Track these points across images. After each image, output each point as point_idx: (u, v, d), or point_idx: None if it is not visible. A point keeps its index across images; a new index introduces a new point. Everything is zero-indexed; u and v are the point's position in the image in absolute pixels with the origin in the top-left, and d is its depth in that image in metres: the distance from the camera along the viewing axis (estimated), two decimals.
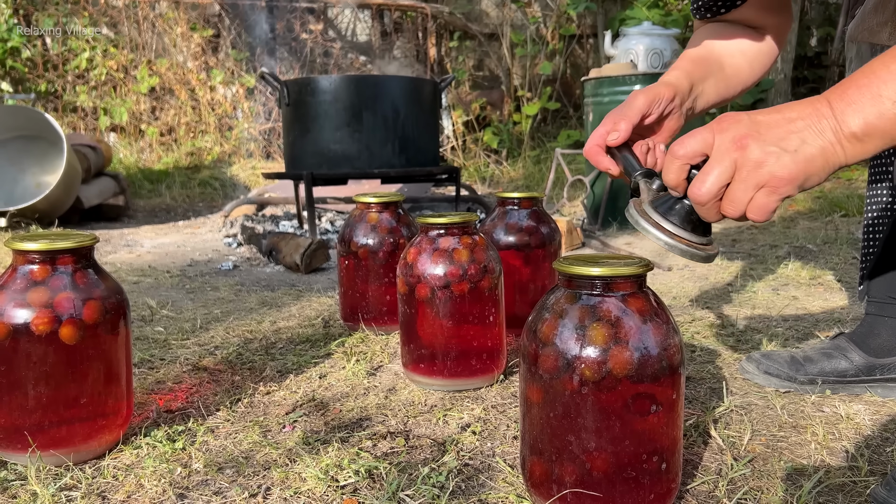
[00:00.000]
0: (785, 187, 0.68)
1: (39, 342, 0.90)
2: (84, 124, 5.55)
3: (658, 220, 0.76)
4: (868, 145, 0.66)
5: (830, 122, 0.67)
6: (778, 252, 2.53)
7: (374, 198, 1.56)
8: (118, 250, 2.95)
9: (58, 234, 0.97)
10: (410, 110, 2.96)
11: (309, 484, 0.87)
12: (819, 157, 0.67)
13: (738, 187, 0.70)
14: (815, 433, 1.00)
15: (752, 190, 0.69)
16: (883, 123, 0.65)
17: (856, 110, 0.66)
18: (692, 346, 1.43)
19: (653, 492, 0.75)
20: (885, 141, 0.66)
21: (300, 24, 6.07)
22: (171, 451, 0.97)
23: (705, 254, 0.77)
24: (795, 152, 0.67)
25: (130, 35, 5.69)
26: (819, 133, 0.67)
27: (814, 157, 0.67)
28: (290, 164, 3.03)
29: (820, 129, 0.67)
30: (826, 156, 0.67)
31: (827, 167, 0.68)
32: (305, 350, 1.45)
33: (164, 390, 1.21)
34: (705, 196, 0.71)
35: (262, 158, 5.60)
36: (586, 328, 0.74)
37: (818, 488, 0.85)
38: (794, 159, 0.67)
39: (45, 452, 0.91)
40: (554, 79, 6.03)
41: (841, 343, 1.20)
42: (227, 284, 2.17)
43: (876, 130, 0.65)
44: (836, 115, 0.67)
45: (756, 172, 0.69)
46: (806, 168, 0.68)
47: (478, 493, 0.85)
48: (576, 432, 0.74)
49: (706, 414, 1.07)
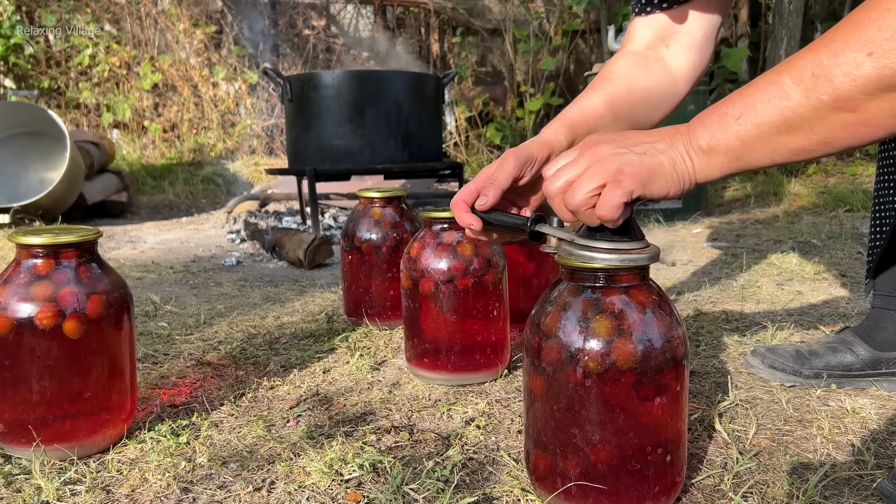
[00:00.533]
0: (628, 181, 0.70)
1: (43, 336, 0.90)
2: (87, 121, 5.56)
3: (600, 245, 0.74)
4: (714, 160, 0.69)
5: (684, 137, 0.71)
6: (782, 247, 2.52)
7: (378, 192, 1.56)
8: (121, 246, 2.96)
9: (61, 229, 0.97)
10: (413, 106, 2.96)
11: (313, 478, 0.87)
12: (667, 162, 0.71)
13: (581, 180, 0.72)
14: (820, 427, 1.00)
15: (597, 183, 0.71)
16: (726, 139, 0.68)
17: (706, 127, 0.69)
18: (697, 341, 1.42)
19: (657, 484, 0.75)
20: (730, 158, 0.68)
21: (303, 20, 6.06)
22: (176, 445, 0.97)
23: (651, 254, 0.75)
24: (643, 154, 0.71)
25: (133, 31, 5.70)
26: (671, 146, 0.72)
27: (661, 161, 0.71)
28: (292, 160, 3.03)
29: (673, 142, 0.72)
30: (674, 163, 0.71)
31: (675, 175, 0.71)
32: (309, 345, 1.45)
33: (167, 385, 1.21)
34: (554, 192, 0.74)
35: (264, 154, 5.60)
36: (589, 320, 0.74)
37: (824, 482, 0.84)
38: (641, 159, 0.71)
39: (50, 447, 0.91)
40: (557, 74, 6.01)
41: (846, 337, 1.20)
42: (230, 280, 2.17)
43: (720, 145, 0.68)
44: (690, 132, 0.71)
45: (601, 166, 0.71)
46: (651, 167, 0.71)
47: (482, 486, 0.85)
48: (580, 425, 0.74)
49: (711, 408, 1.06)
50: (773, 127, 0.65)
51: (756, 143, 0.66)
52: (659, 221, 3.36)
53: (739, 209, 3.68)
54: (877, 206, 1.19)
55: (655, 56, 1.03)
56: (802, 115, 0.63)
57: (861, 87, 0.60)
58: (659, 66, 1.03)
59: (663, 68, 1.03)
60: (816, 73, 0.62)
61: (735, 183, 4.35)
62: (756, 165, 0.68)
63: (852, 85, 0.60)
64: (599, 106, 0.97)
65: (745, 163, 0.68)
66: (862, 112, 0.61)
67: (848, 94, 0.60)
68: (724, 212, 3.62)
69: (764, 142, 0.66)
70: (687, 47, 1.03)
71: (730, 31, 5.48)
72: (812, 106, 0.62)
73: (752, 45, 5.60)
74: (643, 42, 1.05)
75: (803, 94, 0.63)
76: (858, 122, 0.61)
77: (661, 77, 1.03)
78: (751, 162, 0.68)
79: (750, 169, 0.69)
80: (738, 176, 4.53)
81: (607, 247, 0.74)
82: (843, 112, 0.61)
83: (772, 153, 0.66)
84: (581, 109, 0.96)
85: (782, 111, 0.64)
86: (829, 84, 0.61)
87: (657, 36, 1.04)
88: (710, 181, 0.71)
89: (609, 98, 0.98)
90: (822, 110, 0.62)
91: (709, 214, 3.53)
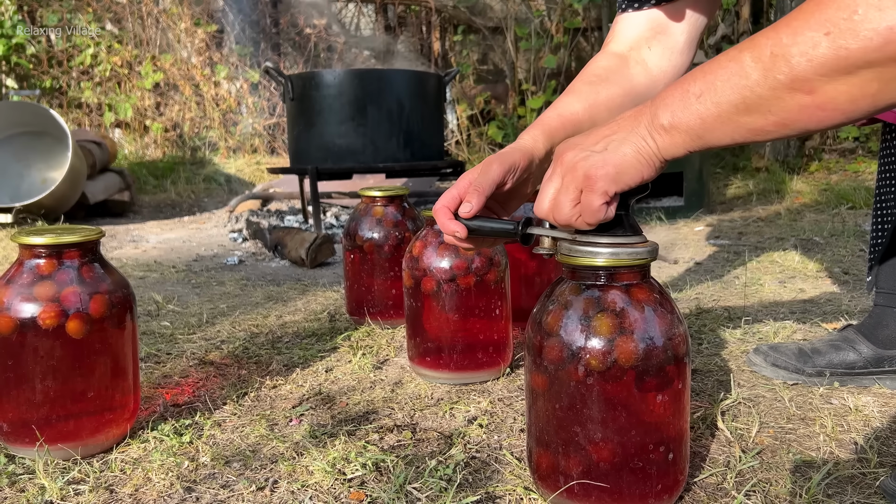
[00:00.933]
0: (599, 183, 0.71)
1: (46, 336, 0.90)
2: (89, 120, 5.56)
3: (601, 240, 0.75)
4: (676, 137, 0.69)
5: (646, 118, 0.71)
6: (784, 244, 2.52)
7: (380, 191, 1.56)
8: (124, 246, 2.96)
9: (64, 229, 0.97)
10: (415, 104, 2.96)
11: (316, 477, 0.87)
12: (630, 151, 0.71)
13: (559, 195, 0.74)
14: (823, 425, 1.00)
15: (574, 192, 0.72)
16: (687, 117, 0.67)
17: (667, 105, 0.69)
18: (699, 339, 1.42)
19: (660, 483, 0.75)
20: (691, 136, 0.68)
21: (304, 19, 6.06)
22: (179, 444, 0.97)
23: (652, 247, 0.76)
24: (605, 150, 0.72)
25: (134, 31, 5.70)
26: (632, 130, 0.71)
27: (624, 152, 0.71)
28: (294, 159, 3.03)
29: (635, 126, 0.71)
30: (637, 148, 0.71)
31: (641, 159, 0.71)
32: (311, 344, 1.45)
33: (170, 384, 1.22)
34: (545, 212, 0.75)
35: (266, 153, 5.60)
36: (591, 319, 0.74)
37: (827, 480, 0.84)
38: (603, 157, 0.71)
39: (53, 446, 0.92)
40: (558, 72, 6.00)
41: (849, 335, 1.20)
42: (232, 279, 2.17)
43: (681, 123, 0.68)
44: (653, 110, 0.70)
45: (572, 176, 0.72)
46: (616, 162, 0.71)
47: (485, 485, 0.85)
48: (582, 423, 0.74)
49: (714, 406, 1.06)
50: (732, 106, 0.64)
51: (716, 121, 0.65)
52: (661, 219, 3.36)
53: (742, 207, 3.67)
54: (878, 203, 1.19)
55: (637, 58, 1.02)
56: (760, 94, 0.62)
57: (817, 67, 0.58)
58: (640, 68, 1.01)
59: (645, 71, 1.01)
60: (775, 52, 0.60)
61: (737, 180, 4.35)
62: (717, 144, 0.67)
63: (808, 65, 0.58)
64: (579, 111, 0.96)
65: (706, 141, 0.67)
66: (818, 95, 0.59)
67: (804, 74, 0.58)
68: (727, 209, 3.62)
69: (724, 121, 0.65)
70: (669, 50, 1.02)
71: (731, 28, 5.47)
72: (769, 86, 0.61)
73: None
74: (626, 42, 1.03)
75: (761, 74, 0.61)
76: (815, 104, 0.59)
77: (642, 81, 1.01)
78: (711, 141, 0.67)
79: (712, 147, 0.68)
80: (741, 173, 4.53)
81: (608, 241, 0.74)
82: (799, 93, 0.59)
83: (732, 132, 0.65)
84: (560, 115, 0.95)
85: (741, 90, 0.63)
86: (786, 64, 0.59)
87: (640, 37, 1.02)
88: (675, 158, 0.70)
89: (589, 103, 0.97)
90: (778, 90, 0.60)
91: (711, 212, 3.53)
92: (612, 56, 1.03)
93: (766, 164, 4.53)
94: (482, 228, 0.84)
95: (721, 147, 0.68)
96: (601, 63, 1.02)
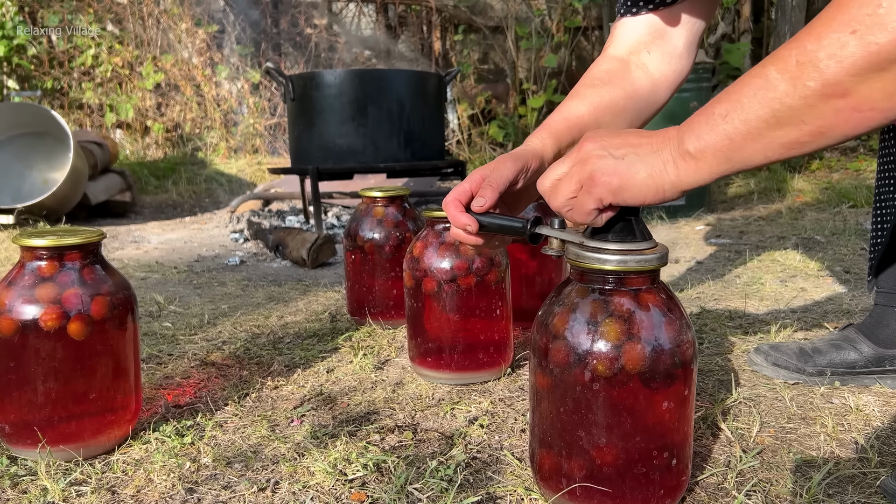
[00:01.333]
0: (598, 188, 0.69)
1: (48, 338, 0.90)
2: (90, 121, 5.57)
3: (609, 246, 0.74)
4: (702, 164, 0.66)
5: (673, 143, 0.68)
6: (786, 243, 2.52)
7: (380, 192, 1.56)
8: (125, 246, 2.96)
9: (65, 231, 0.98)
10: (415, 104, 2.96)
11: (317, 478, 0.87)
12: (643, 171, 0.69)
13: (562, 182, 0.72)
14: (824, 425, 1.00)
15: (575, 185, 0.71)
16: (714, 139, 0.64)
17: (693, 130, 0.66)
18: (700, 338, 1.42)
19: (663, 487, 0.75)
20: (719, 160, 0.65)
21: (305, 19, 6.06)
22: (180, 445, 0.97)
23: (661, 254, 0.75)
24: (621, 159, 0.69)
25: (135, 31, 5.70)
26: (655, 152, 0.69)
27: (637, 170, 0.69)
28: (295, 159, 3.03)
29: (659, 148, 0.69)
30: (652, 171, 0.68)
31: (651, 183, 0.69)
32: (313, 344, 1.45)
33: (172, 385, 1.22)
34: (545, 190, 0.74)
35: (267, 153, 5.61)
36: (599, 323, 0.73)
37: (828, 480, 0.84)
38: (616, 165, 0.69)
39: (55, 447, 0.92)
40: (559, 71, 6.00)
41: (850, 334, 1.20)
42: (234, 279, 2.18)
43: (708, 147, 0.65)
44: (680, 136, 0.68)
45: (580, 168, 0.71)
46: (624, 176, 0.69)
47: (486, 486, 0.85)
48: (586, 427, 0.74)
49: (715, 406, 1.06)
50: (761, 121, 0.61)
51: (745, 140, 0.63)
52: (662, 218, 3.35)
53: (742, 206, 3.67)
54: (878, 202, 1.19)
55: (638, 62, 1.02)
56: (791, 105, 0.60)
57: (848, 68, 0.56)
58: (641, 72, 1.01)
59: (646, 75, 1.01)
60: (801, 60, 0.58)
61: (738, 179, 4.34)
62: (749, 165, 0.64)
63: (839, 67, 0.56)
64: (584, 114, 0.96)
65: (736, 163, 0.65)
66: (853, 96, 0.57)
67: (835, 77, 0.57)
68: (728, 208, 3.61)
69: (754, 138, 0.62)
70: (669, 55, 1.02)
71: (732, 27, 5.46)
72: (800, 95, 0.59)
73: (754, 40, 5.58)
74: (626, 46, 1.03)
75: (789, 84, 0.59)
76: (851, 107, 0.58)
77: (644, 84, 1.01)
78: (743, 161, 0.64)
79: (743, 170, 0.65)
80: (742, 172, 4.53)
81: (616, 248, 0.74)
82: (833, 98, 0.57)
83: (764, 150, 0.63)
84: (566, 119, 0.95)
85: (769, 103, 0.61)
86: (814, 69, 0.57)
87: (639, 41, 1.02)
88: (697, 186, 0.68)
89: (593, 106, 0.97)
90: (810, 98, 0.58)
91: (712, 211, 3.53)
92: (612, 60, 1.03)
93: None
94: (492, 224, 0.83)
95: (753, 168, 0.65)
96: (602, 67, 1.02)
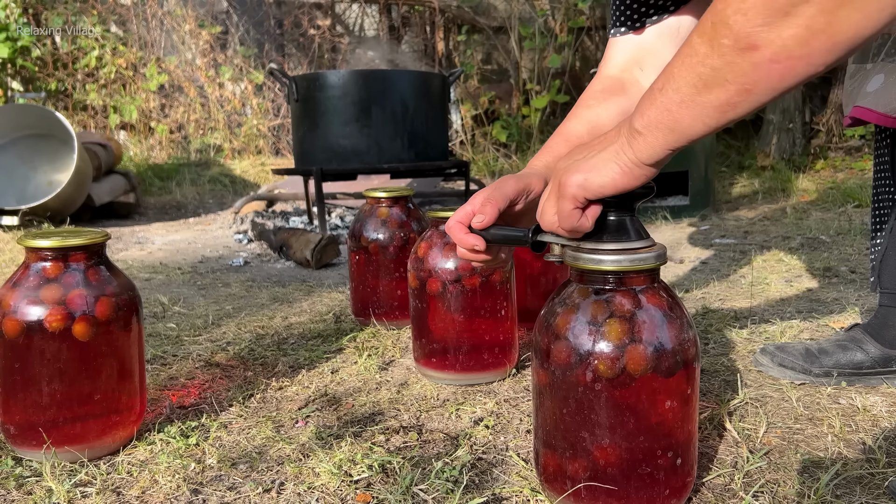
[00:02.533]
0: (569, 189, 0.71)
1: (53, 339, 0.90)
2: (94, 122, 5.58)
3: (605, 246, 0.74)
4: (649, 138, 0.67)
5: (625, 126, 0.70)
6: (791, 243, 2.51)
7: (384, 192, 1.56)
8: (129, 247, 2.96)
9: (70, 232, 0.98)
10: (419, 105, 2.96)
11: (322, 479, 0.87)
12: (606, 157, 0.71)
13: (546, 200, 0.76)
14: (831, 425, 1.00)
15: (554, 199, 0.74)
16: (655, 113, 0.66)
17: (638, 108, 0.68)
18: (705, 339, 1.42)
19: (668, 487, 0.75)
20: (664, 132, 0.66)
21: (308, 20, 6.07)
22: (185, 446, 0.97)
23: (658, 253, 0.75)
24: (584, 158, 0.72)
25: (139, 33, 5.71)
26: (611, 141, 0.72)
27: (600, 157, 0.71)
28: (299, 160, 3.03)
29: (614, 137, 0.72)
30: (612, 156, 0.71)
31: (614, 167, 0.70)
32: (317, 345, 1.45)
33: (176, 386, 1.22)
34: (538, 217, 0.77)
35: (271, 154, 5.61)
36: (600, 324, 0.73)
37: (835, 481, 0.84)
38: (578, 164, 0.72)
39: (60, 449, 0.92)
40: (563, 71, 6.00)
41: (856, 335, 1.19)
42: (238, 280, 2.18)
43: (651, 121, 0.66)
44: (630, 119, 0.70)
45: (553, 184, 0.74)
46: (586, 167, 0.71)
47: (491, 487, 0.85)
48: (589, 427, 0.74)
49: (721, 406, 1.06)
50: (691, 87, 0.62)
51: (680, 108, 0.63)
52: (666, 218, 3.35)
53: (747, 205, 3.66)
54: (876, 203, 1.19)
55: (631, 79, 1.03)
56: (712, 65, 0.59)
57: (752, 18, 0.55)
58: (636, 88, 1.02)
59: (640, 91, 1.02)
60: (714, 21, 0.59)
61: (742, 179, 4.33)
62: (692, 133, 0.64)
63: (744, 19, 0.56)
64: (583, 134, 0.98)
65: (680, 133, 0.65)
66: (767, 47, 0.56)
67: (743, 30, 0.56)
68: (732, 208, 3.61)
69: (688, 105, 0.63)
70: (658, 70, 1.02)
71: None
72: (718, 53, 0.58)
73: None
74: (618, 65, 1.04)
75: (708, 45, 0.59)
76: (768, 59, 0.56)
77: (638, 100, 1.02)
78: (685, 131, 0.64)
79: (690, 140, 0.66)
80: (746, 172, 4.52)
81: (612, 247, 0.74)
82: (747, 52, 0.57)
83: (701, 115, 0.63)
84: (567, 141, 0.97)
85: (694, 67, 0.61)
86: (724, 27, 0.57)
87: (631, 59, 1.04)
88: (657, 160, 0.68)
89: (591, 125, 0.99)
90: (727, 56, 0.58)
91: (716, 211, 3.52)
92: (607, 79, 1.04)
93: (772, 163, 4.51)
94: (495, 236, 0.84)
95: (699, 137, 0.65)
96: (597, 87, 1.04)
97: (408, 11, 6.50)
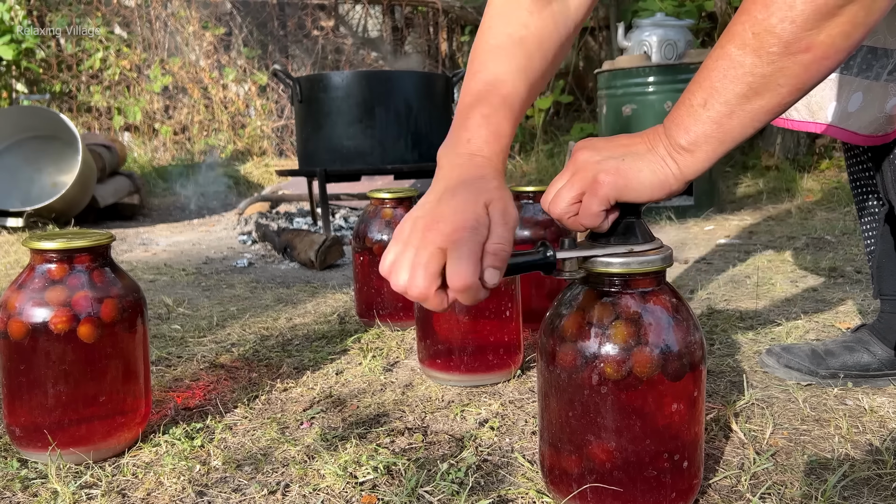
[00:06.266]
0: (603, 189, 0.69)
1: (58, 341, 0.90)
2: (98, 124, 5.59)
3: (612, 249, 0.73)
4: (698, 153, 0.68)
5: (663, 139, 0.70)
6: (796, 243, 2.50)
7: (388, 193, 1.56)
8: (134, 249, 2.97)
9: (74, 233, 0.98)
10: (423, 105, 2.95)
11: (328, 480, 0.87)
12: (645, 167, 0.69)
13: (563, 189, 0.72)
14: (838, 426, 0.99)
15: (577, 191, 0.71)
16: (702, 129, 0.66)
17: (678, 125, 0.68)
18: (711, 340, 1.41)
19: (674, 489, 0.75)
20: (713, 145, 0.67)
21: (311, 21, 6.07)
22: (190, 448, 0.97)
23: (665, 255, 0.74)
24: (621, 159, 0.70)
25: (143, 34, 5.72)
26: (650, 150, 0.70)
27: (639, 167, 0.69)
28: (303, 161, 3.03)
29: (653, 145, 0.70)
30: (654, 167, 0.69)
31: (655, 179, 0.69)
32: (322, 346, 1.45)
33: (181, 388, 1.22)
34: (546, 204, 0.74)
35: (275, 156, 5.61)
36: (606, 326, 0.73)
37: (843, 482, 0.83)
38: (618, 164, 0.70)
39: (65, 450, 0.92)
40: (566, 72, 5.99)
41: (863, 336, 1.19)
42: (242, 282, 2.18)
43: (699, 137, 0.67)
44: (668, 133, 0.69)
45: (581, 175, 0.71)
46: (628, 174, 0.69)
47: (497, 489, 0.85)
48: (595, 430, 0.73)
49: (727, 408, 1.05)
50: (740, 97, 0.64)
51: (731, 119, 0.65)
52: (671, 219, 3.34)
53: (752, 206, 3.65)
54: (860, 212, 1.18)
55: None
56: (763, 74, 0.62)
57: (802, 24, 0.59)
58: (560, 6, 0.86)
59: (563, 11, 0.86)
60: (756, 31, 0.61)
61: (747, 179, 4.32)
62: (741, 139, 0.67)
63: (794, 27, 0.60)
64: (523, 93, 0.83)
65: (729, 143, 0.67)
66: (817, 47, 0.60)
67: (794, 36, 0.60)
68: (737, 208, 3.60)
69: (739, 115, 0.65)
70: None
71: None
72: (767, 62, 0.62)
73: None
74: None
75: (754, 55, 0.62)
76: (818, 58, 0.61)
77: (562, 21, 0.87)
78: (734, 138, 0.67)
79: (737, 145, 0.68)
80: (750, 172, 4.51)
81: (620, 250, 0.73)
82: (798, 55, 0.61)
83: (751, 121, 0.65)
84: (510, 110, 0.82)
85: (742, 78, 0.63)
86: (771, 35, 0.61)
87: None
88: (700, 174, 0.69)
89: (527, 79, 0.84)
90: (778, 62, 0.61)
91: (721, 211, 3.51)
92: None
93: (776, 163, 4.50)
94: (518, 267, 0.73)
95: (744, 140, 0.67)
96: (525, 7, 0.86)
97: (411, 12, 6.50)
